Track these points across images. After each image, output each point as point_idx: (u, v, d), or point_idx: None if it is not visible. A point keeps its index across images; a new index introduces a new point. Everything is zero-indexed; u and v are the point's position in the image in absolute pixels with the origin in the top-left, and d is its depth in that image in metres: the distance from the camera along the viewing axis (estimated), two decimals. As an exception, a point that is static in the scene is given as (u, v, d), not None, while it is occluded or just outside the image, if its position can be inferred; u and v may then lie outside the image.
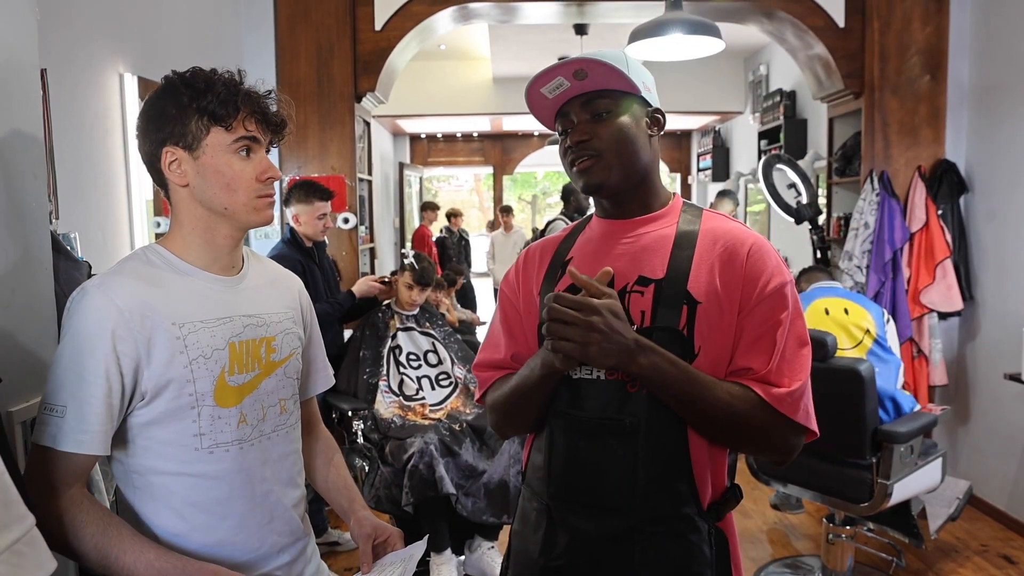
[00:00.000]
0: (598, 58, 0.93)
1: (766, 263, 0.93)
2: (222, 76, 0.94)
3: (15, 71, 1.01)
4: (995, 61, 3.01)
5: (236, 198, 0.95)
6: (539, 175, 15.14)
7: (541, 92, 0.97)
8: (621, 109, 0.96)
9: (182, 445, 0.93)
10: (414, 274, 2.63)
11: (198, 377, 0.92)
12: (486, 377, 1.07)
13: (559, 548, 0.97)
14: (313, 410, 1.20)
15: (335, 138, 3.20)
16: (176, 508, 0.94)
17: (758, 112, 5.30)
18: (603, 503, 0.94)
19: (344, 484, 1.15)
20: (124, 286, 0.91)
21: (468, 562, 2.47)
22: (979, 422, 3.13)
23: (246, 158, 0.95)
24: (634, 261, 0.96)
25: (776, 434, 0.92)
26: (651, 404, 0.91)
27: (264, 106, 0.95)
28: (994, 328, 3.04)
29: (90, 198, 1.92)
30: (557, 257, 1.04)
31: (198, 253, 0.97)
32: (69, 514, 0.88)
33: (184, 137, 0.93)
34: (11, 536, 0.75)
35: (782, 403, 0.90)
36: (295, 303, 1.09)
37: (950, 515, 2.48)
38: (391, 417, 2.49)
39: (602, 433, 0.93)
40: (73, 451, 0.88)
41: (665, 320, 0.91)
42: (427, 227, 7.51)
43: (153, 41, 2.25)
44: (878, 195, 3.12)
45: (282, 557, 1.02)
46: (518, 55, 5.55)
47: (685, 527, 0.93)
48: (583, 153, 0.96)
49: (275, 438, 1.01)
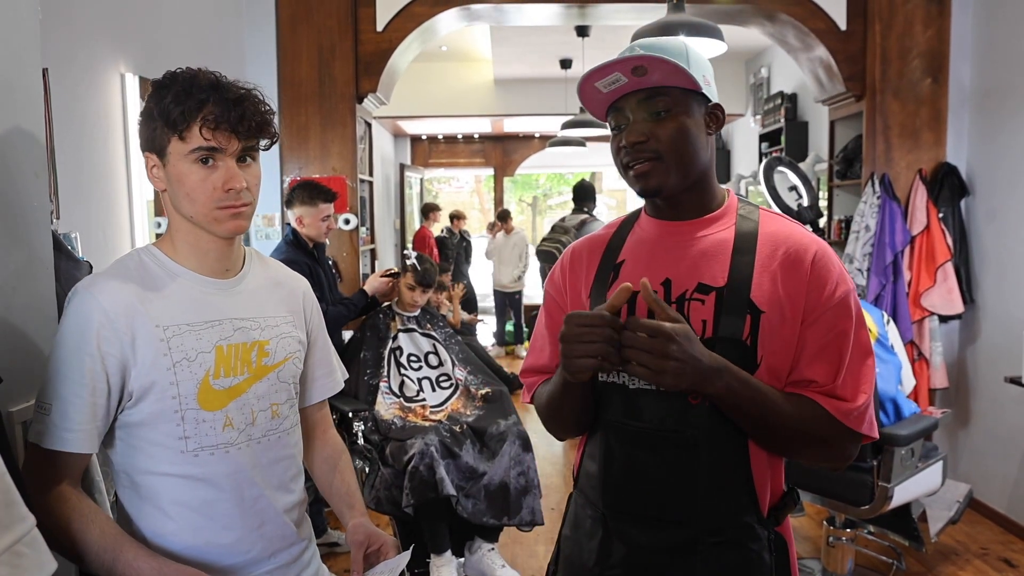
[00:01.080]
0: (659, 55, 0.87)
1: (831, 271, 0.90)
2: (182, 80, 0.89)
3: (17, 71, 1.01)
4: (997, 64, 3.01)
5: (196, 208, 0.92)
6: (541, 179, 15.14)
7: (595, 86, 0.91)
8: (681, 107, 0.90)
9: (168, 447, 0.93)
10: (416, 275, 2.63)
11: (181, 380, 0.92)
12: (530, 383, 1.06)
13: (615, 558, 0.95)
14: (322, 415, 1.18)
15: (336, 139, 3.20)
16: (163, 508, 0.94)
17: (759, 115, 5.31)
18: (663, 515, 0.92)
19: (347, 490, 1.14)
20: (111, 287, 0.92)
21: (468, 564, 2.47)
22: (979, 425, 3.13)
23: (208, 167, 0.91)
24: (693, 267, 0.92)
25: (837, 445, 0.91)
26: (712, 416, 0.89)
27: (223, 113, 0.89)
28: (995, 331, 3.03)
29: (91, 198, 1.92)
30: (607, 258, 1.00)
31: (187, 255, 0.97)
32: (55, 511, 0.89)
33: (153, 143, 0.92)
34: (12, 536, 0.75)
35: (849, 418, 0.88)
36: (298, 306, 1.08)
37: (950, 518, 2.48)
38: (391, 418, 2.49)
39: (662, 445, 0.91)
40: (57, 448, 0.89)
41: (729, 330, 0.88)
42: (428, 228, 7.52)
43: (155, 41, 2.26)
44: (879, 198, 3.12)
45: (273, 561, 1.01)
46: (519, 57, 5.56)
47: (745, 535, 0.92)
48: (641, 156, 0.91)
49: (266, 443, 0.99)
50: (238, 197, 0.93)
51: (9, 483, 0.78)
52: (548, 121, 6.93)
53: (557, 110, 6.06)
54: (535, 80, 6.26)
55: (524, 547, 2.77)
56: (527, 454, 2.43)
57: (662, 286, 0.94)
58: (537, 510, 2.38)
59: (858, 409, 0.89)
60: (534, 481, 2.41)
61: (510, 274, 6.98)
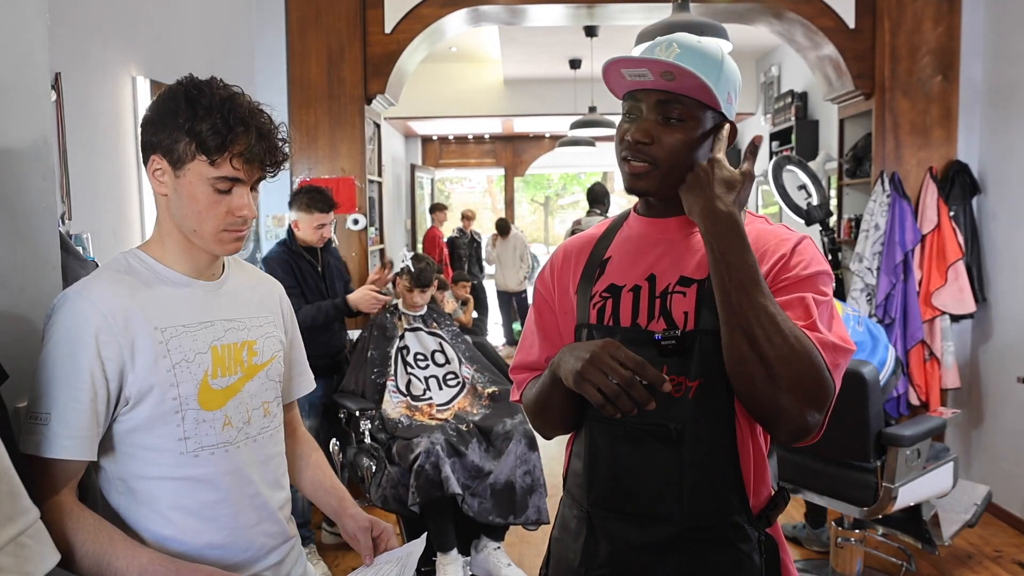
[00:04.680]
0: (689, 68, 0.86)
1: (805, 255, 0.90)
2: (227, 101, 0.91)
3: (25, 74, 1.04)
4: (1009, 60, 2.97)
5: (204, 227, 0.94)
6: (553, 178, 15.11)
7: (620, 71, 0.91)
8: (693, 120, 0.90)
9: (166, 450, 0.93)
10: (411, 276, 2.65)
11: (181, 381, 0.93)
12: (520, 380, 1.06)
13: (600, 558, 0.94)
14: (294, 413, 1.20)
15: (345, 140, 3.23)
16: (162, 512, 0.94)
17: (769, 113, 5.27)
18: (646, 511, 0.91)
19: (331, 484, 1.14)
20: (106, 291, 0.92)
21: (474, 563, 2.48)
22: (993, 426, 3.09)
23: (224, 193, 0.93)
24: (677, 261, 0.94)
25: (810, 390, 0.83)
26: (697, 410, 0.89)
27: (256, 147, 0.92)
28: (1008, 330, 2.99)
29: (103, 199, 1.96)
30: (595, 255, 1.01)
31: (177, 259, 0.98)
32: (59, 522, 0.87)
33: (171, 152, 0.92)
34: (16, 528, 0.77)
35: (825, 348, 0.84)
36: (276, 307, 1.10)
37: (967, 521, 2.44)
38: (398, 417, 2.51)
39: (646, 439, 0.91)
40: (59, 457, 0.88)
41: (709, 323, 0.88)
42: (438, 228, 7.55)
43: (165, 44, 2.29)
44: (889, 196, 3.09)
45: (271, 558, 1.02)
46: (528, 57, 5.56)
47: (734, 535, 0.91)
48: (639, 156, 0.91)
49: (260, 440, 1.01)
50: (244, 224, 0.96)
51: (13, 475, 0.80)
52: (558, 121, 6.93)
53: (567, 110, 6.05)
54: (544, 80, 6.26)
55: (530, 546, 2.77)
56: (533, 453, 2.44)
57: (647, 281, 0.95)
58: (543, 509, 2.39)
59: (832, 342, 0.85)
60: (540, 480, 2.42)
61: (515, 277, 6.99)
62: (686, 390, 0.89)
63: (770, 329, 0.82)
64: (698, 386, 0.89)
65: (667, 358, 0.89)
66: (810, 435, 0.87)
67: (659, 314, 0.93)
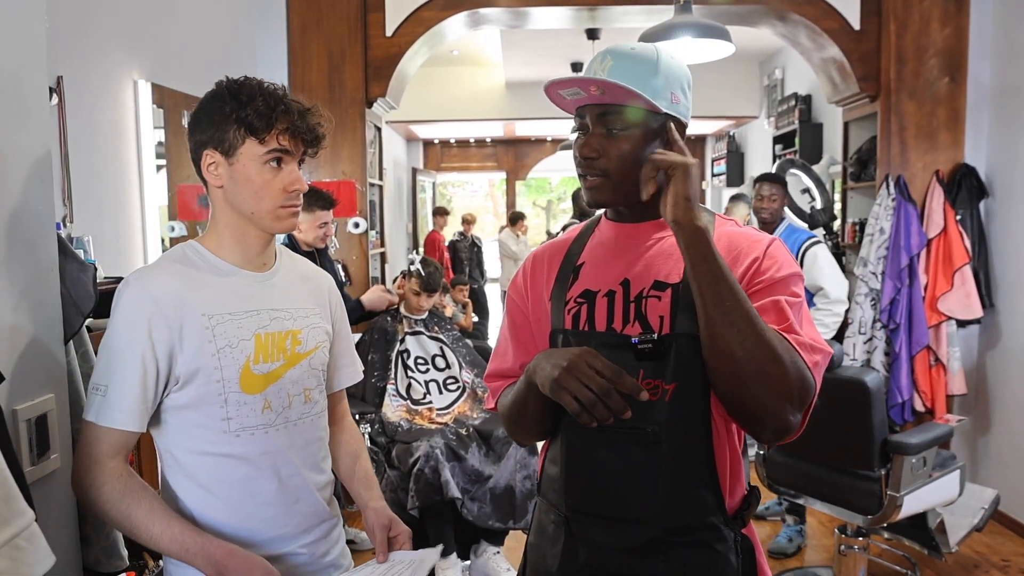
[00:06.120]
0: (617, 81, 0.88)
1: (777, 258, 0.92)
2: (266, 89, 1.00)
3: (23, 77, 1.03)
4: (1018, 61, 2.95)
5: (262, 205, 1.02)
6: (553, 180, 15.13)
7: (559, 92, 0.94)
8: (636, 128, 0.92)
9: (211, 428, 1.00)
10: (420, 280, 2.64)
11: (224, 365, 1.00)
12: (495, 387, 1.06)
13: (579, 563, 0.95)
14: (344, 404, 1.26)
15: (346, 143, 3.22)
16: (205, 484, 1.01)
17: (773, 116, 5.26)
18: (624, 514, 0.92)
19: (366, 475, 1.21)
20: (159, 279, 1.00)
21: (473, 567, 2.46)
22: (1000, 433, 3.06)
23: (276, 168, 1.01)
24: (650, 266, 0.95)
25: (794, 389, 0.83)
26: (673, 412, 0.90)
27: (299, 122, 1.01)
28: (1016, 336, 2.96)
29: (104, 203, 1.96)
30: (567, 261, 1.02)
31: (231, 250, 1.05)
32: (108, 485, 0.97)
33: (222, 143, 1.00)
34: (11, 531, 0.77)
35: (803, 347, 0.85)
36: (324, 300, 1.16)
37: (975, 526, 2.41)
38: (398, 421, 2.50)
39: (623, 442, 0.91)
40: (111, 426, 0.97)
41: (685, 327, 0.89)
42: (439, 232, 7.55)
43: (168, 48, 2.29)
44: (894, 200, 3.07)
45: (307, 536, 1.07)
46: (530, 60, 5.57)
47: (711, 536, 0.91)
48: (591, 170, 0.94)
49: (301, 425, 1.07)
50: (297, 198, 1.04)
51: (9, 478, 0.79)
52: (560, 124, 6.94)
53: (568, 113, 6.05)
54: (546, 83, 6.26)
55: (532, 551, 2.75)
56: (533, 457, 2.43)
57: (621, 286, 0.95)
58: (544, 514, 2.37)
59: (809, 343, 0.86)
60: (541, 485, 2.40)
61: None
62: (663, 393, 0.90)
63: (753, 332, 0.83)
64: (674, 389, 0.90)
65: (644, 362, 0.90)
66: (791, 433, 0.88)
67: (635, 318, 0.93)
